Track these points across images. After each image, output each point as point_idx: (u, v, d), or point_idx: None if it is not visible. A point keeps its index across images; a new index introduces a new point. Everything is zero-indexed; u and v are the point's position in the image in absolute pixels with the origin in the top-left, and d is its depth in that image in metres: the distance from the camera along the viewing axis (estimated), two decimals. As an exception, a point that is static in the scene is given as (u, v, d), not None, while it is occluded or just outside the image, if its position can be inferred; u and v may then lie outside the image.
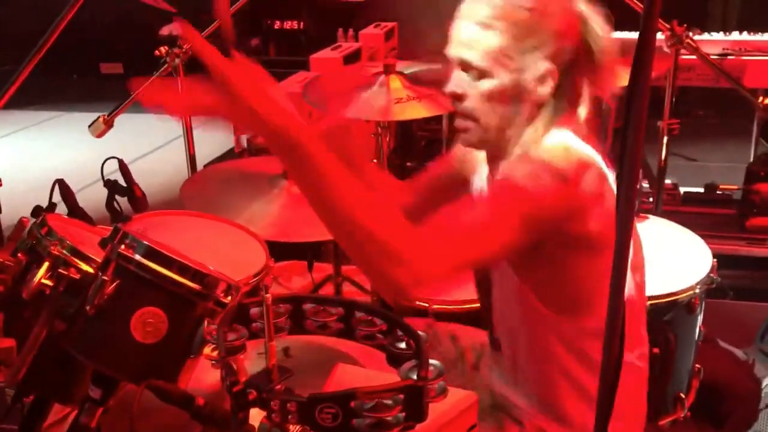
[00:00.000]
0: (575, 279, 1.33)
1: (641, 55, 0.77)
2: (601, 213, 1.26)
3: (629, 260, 0.88)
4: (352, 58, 5.07)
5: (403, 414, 0.94)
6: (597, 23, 1.33)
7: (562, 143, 1.29)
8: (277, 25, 8.66)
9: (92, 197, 1.91)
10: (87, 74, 8.54)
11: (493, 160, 1.42)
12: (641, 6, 0.75)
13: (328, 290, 2.78)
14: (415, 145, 4.67)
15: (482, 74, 1.30)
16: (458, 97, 1.35)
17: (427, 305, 1.84)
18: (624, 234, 0.85)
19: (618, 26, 1.45)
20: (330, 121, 1.41)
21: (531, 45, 1.28)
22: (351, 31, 6.05)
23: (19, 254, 1.25)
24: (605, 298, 1.27)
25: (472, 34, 1.29)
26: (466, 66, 1.32)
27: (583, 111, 1.35)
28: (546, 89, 1.31)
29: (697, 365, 2.04)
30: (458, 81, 1.34)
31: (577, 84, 1.34)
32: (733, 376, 2.41)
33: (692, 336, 1.99)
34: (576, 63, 1.32)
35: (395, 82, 2.43)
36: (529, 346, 1.43)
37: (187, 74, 2.54)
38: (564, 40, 1.30)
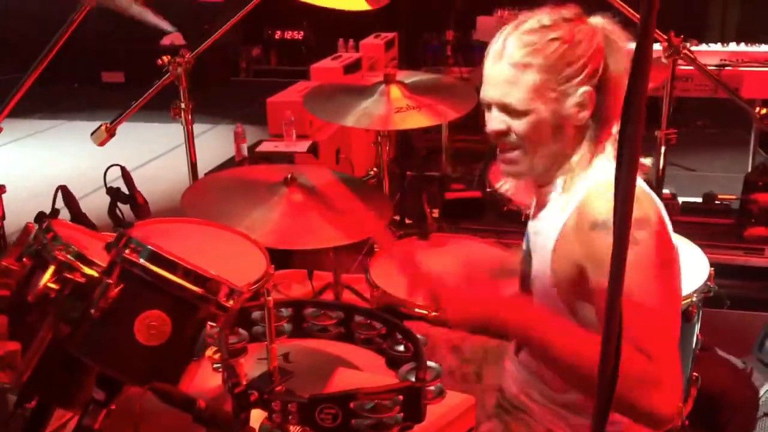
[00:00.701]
0: None
1: (638, 65, 0.79)
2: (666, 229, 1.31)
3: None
4: (352, 67, 5.10)
5: (402, 415, 0.95)
6: (619, 39, 1.36)
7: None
8: (278, 34, 8.72)
9: (94, 204, 1.94)
10: (88, 83, 8.59)
11: (541, 187, 1.45)
12: (638, 16, 0.77)
13: (327, 298, 2.79)
14: (415, 155, 4.70)
15: (525, 112, 1.35)
16: (503, 133, 1.39)
17: (426, 312, 1.86)
18: (621, 241, 0.87)
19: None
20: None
21: (567, 74, 1.32)
22: (351, 41, 6.09)
23: (24, 259, 1.27)
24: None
25: (510, 77, 1.34)
26: (506, 107, 1.36)
27: (616, 127, 1.37)
28: (586, 113, 1.34)
29: (694, 374, 2.05)
30: (499, 119, 1.38)
31: (609, 101, 1.35)
32: (731, 385, 2.41)
33: (690, 344, 2.00)
34: (606, 81, 1.35)
35: (395, 92, 2.45)
36: None
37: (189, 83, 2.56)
38: (594, 62, 1.33)
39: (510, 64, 1.33)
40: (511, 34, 1.36)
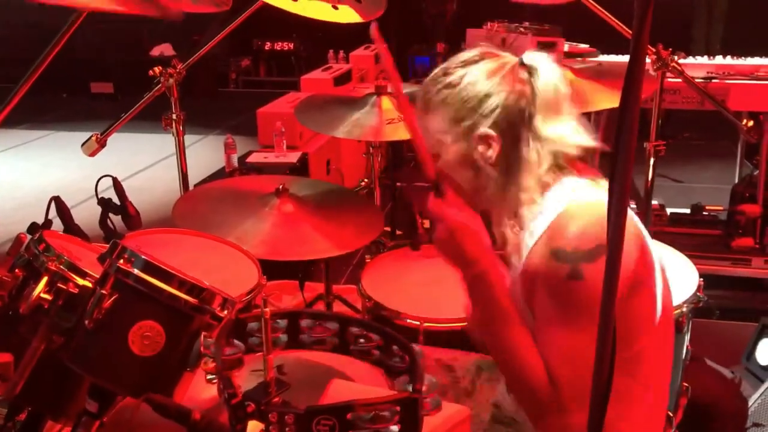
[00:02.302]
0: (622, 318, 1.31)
1: (631, 79, 0.80)
2: (643, 251, 1.29)
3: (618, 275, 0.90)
4: (342, 79, 5.12)
5: (398, 426, 0.95)
6: (544, 68, 1.37)
7: (573, 212, 1.29)
8: (267, 46, 8.74)
9: (84, 215, 1.92)
10: (77, 93, 8.56)
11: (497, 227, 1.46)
12: (629, 31, 0.78)
13: (319, 309, 2.79)
14: (406, 165, 4.71)
15: (436, 155, 1.41)
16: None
17: (419, 323, 1.86)
18: (615, 254, 0.88)
19: (607, 50, 1.50)
20: None
21: (456, 117, 1.37)
22: (341, 53, 6.11)
23: (16, 270, 1.26)
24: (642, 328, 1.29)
25: (420, 123, 1.42)
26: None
27: (568, 148, 1.35)
28: (492, 152, 1.36)
29: (684, 384, 2.06)
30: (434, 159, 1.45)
31: (530, 134, 1.35)
32: (720, 395, 2.42)
33: (680, 354, 2.01)
34: (524, 114, 1.35)
35: (386, 103, 2.46)
36: None
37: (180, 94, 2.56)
38: (489, 100, 1.34)
39: (418, 115, 1.42)
40: (420, 87, 1.45)
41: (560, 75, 1.39)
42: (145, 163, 6.00)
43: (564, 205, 1.30)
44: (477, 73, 1.37)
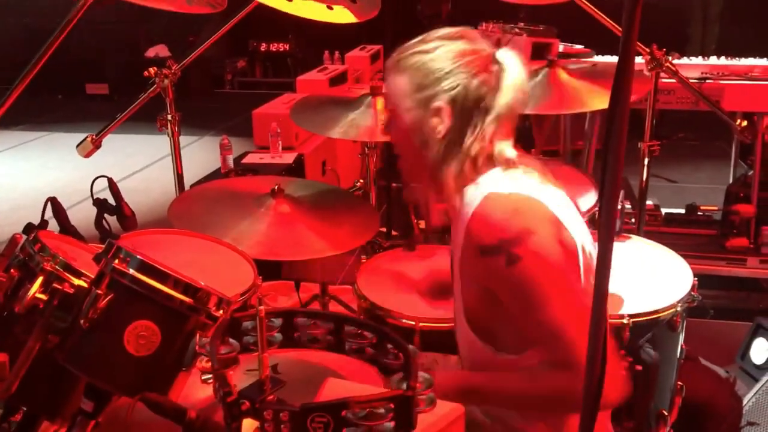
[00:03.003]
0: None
1: (620, 77, 0.81)
2: (563, 235, 1.35)
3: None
4: (338, 79, 5.12)
5: (393, 423, 0.96)
6: (512, 68, 1.41)
7: (492, 202, 1.36)
8: (263, 47, 8.74)
9: (79, 216, 1.92)
10: (73, 95, 8.55)
11: (444, 203, 1.51)
12: (621, 30, 0.79)
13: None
14: (401, 166, 4.71)
15: (391, 115, 1.48)
16: (386, 134, 1.53)
17: (413, 323, 1.86)
18: (605, 252, 0.88)
19: (601, 51, 1.51)
20: None
21: (420, 84, 1.41)
22: (337, 54, 6.11)
23: (11, 270, 1.26)
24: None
25: (386, 84, 1.49)
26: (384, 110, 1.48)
27: (505, 148, 1.42)
28: (442, 127, 1.40)
29: (679, 383, 2.07)
30: (385, 121, 1.53)
31: (466, 120, 1.40)
32: (715, 394, 2.43)
33: (674, 354, 2.02)
34: (480, 102, 1.40)
35: (382, 104, 2.47)
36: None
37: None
38: (453, 79, 1.39)
39: (386, 73, 1.47)
40: (398, 48, 1.49)
41: (525, 81, 1.44)
42: (141, 164, 6.00)
43: (481, 199, 1.36)
44: (451, 49, 1.41)
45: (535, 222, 1.32)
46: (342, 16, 2.00)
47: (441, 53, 1.41)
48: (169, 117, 2.58)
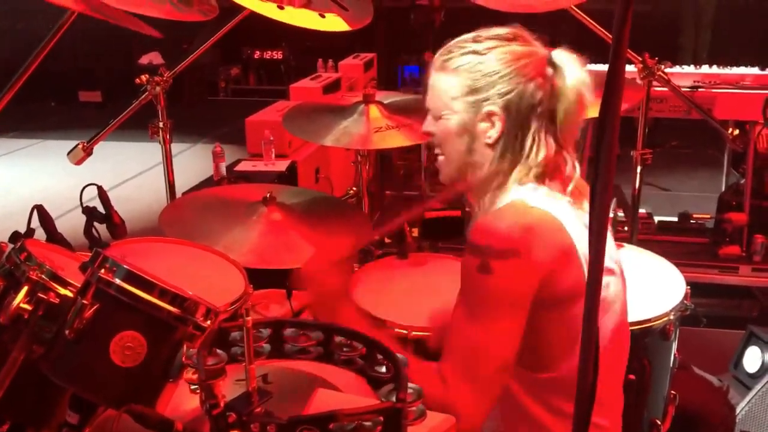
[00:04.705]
0: (540, 335, 1.36)
1: (611, 86, 0.80)
2: (570, 267, 1.31)
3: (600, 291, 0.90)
4: (331, 87, 5.11)
5: (382, 436, 0.94)
6: (570, 71, 1.36)
7: (509, 209, 1.34)
8: (257, 54, 8.74)
9: (70, 224, 1.91)
10: (65, 102, 8.52)
11: (473, 207, 1.49)
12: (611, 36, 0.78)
13: (307, 318, 2.77)
14: (394, 174, 4.71)
15: (438, 117, 1.42)
16: (428, 135, 1.47)
17: (406, 332, 1.85)
18: (597, 262, 0.88)
19: (594, 60, 1.51)
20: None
21: (473, 87, 1.36)
22: (330, 62, 6.11)
23: (-4, 279, 1.25)
24: (565, 351, 1.32)
25: (431, 81, 1.42)
26: (429, 110, 1.44)
27: (541, 155, 1.36)
28: (494, 132, 1.36)
29: (672, 392, 2.06)
30: (427, 122, 1.46)
31: (517, 128, 1.37)
32: (708, 403, 2.43)
33: (667, 362, 2.01)
34: (518, 107, 1.35)
35: (375, 112, 2.46)
36: None
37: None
38: (507, 83, 1.34)
39: (433, 70, 1.41)
40: (446, 45, 1.43)
41: (585, 84, 1.37)
42: (133, 171, 5.98)
43: (505, 203, 1.35)
44: (505, 50, 1.36)
45: (539, 247, 1.28)
46: (334, 24, 1.99)
47: (494, 55, 1.35)
48: (161, 124, 2.57)
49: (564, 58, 1.37)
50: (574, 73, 1.36)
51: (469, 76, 1.36)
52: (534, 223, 1.29)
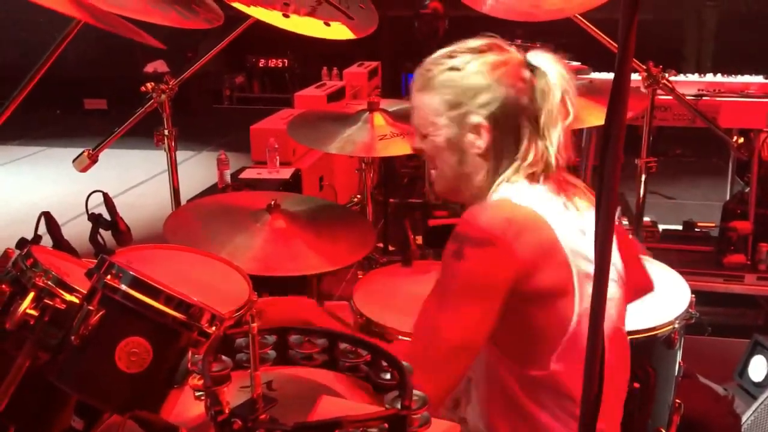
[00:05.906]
0: (525, 328, 1.36)
1: (617, 94, 0.80)
2: (553, 264, 1.31)
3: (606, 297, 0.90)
4: (335, 95, 5.13)
5: (387, 443, 0.94)
6: (549, 69, 1.38)
7: (494, 204, 1.36)
8: (261, 62, 8.78)
9: (75, 231, 1.91)
10: (71, 110, 8.57)
11: None
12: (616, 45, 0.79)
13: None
14: (398, 182, 4.72)
15: (425, 135, 1.44)
16: (419, 152, 1.50)
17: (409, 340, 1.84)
18: (602, 269, 0.88)
19: (598, 68, 1.52)
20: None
21: (455, 101, 1.38)
22: (335, 70, 6.13)
23: (2, 285, 1.25)
24: (552, 347, 1.32)
25: (413, 101, 1.45)
26: (415, 129, 1.47)
27: (531, 156, 1.38)
28: (482, 143, 1.38)
29: (677, 401, 2.05)
30: (416, 139, 1.49)
31: (520, 134, 1.38)
32: (713, 412, 2.42)
33: (672, 371, 2.00)
34: (521, 113, 1.37)
35: (379, 120, 2.47)
36: (488, 384, 1.47)
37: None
38: (489, 93, 1.37)
39: (414, 90, 1.45)
40: (423, 64, 1.46)
41: (565, 80, 1.38)
42: (138, 179, 6.00)
43: (494, 199, 1.37)
44: (481, 63, 1.38)
45: (518, 240, 1.29)
46: (339, 32, 2.00)
47: (472, 68, 1.38)
48: (166, 132, 2.58)
49: (540, 58, 1.39)
50: (552, 70, 1.38)
51: (450, 92, 1.39)
52: (515, 218, 1.31)
